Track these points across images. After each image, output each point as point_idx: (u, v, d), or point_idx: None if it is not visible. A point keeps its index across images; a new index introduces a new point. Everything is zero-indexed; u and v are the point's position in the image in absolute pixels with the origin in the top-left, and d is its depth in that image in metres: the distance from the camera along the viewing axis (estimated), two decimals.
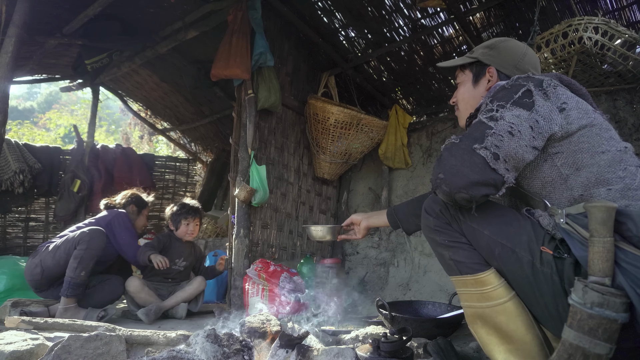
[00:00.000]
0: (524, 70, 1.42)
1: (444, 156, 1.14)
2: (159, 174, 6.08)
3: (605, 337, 0.91)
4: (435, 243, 1.31)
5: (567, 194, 1.16)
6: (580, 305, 0.94)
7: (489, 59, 1.47)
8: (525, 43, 1.55)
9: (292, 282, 2.89)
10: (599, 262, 0.96)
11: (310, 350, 1.34)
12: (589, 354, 0.92)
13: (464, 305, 1.29)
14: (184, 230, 3.12)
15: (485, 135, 1.11)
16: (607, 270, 0.95)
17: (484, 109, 1.22)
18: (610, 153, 1.14)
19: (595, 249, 0.97)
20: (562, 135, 1.16)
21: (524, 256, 1.12)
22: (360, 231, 1.92)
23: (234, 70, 3.13)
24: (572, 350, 0.95)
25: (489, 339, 1.21)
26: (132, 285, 2.84)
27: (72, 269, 2.55)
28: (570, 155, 1.16)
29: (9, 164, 4.61)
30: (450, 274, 1.29)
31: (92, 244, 2.62)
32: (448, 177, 1.10)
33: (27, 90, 28.75)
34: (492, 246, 1.18)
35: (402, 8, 3.51)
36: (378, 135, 4.01)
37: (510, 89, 1.20)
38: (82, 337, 1.50)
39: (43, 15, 3.61)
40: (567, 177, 1.15)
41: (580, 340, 0.93)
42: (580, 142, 1.15)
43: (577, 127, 1.16)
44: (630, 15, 3.14)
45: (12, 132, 11.30)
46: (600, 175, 1.12)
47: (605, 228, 0.97)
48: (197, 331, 1.48)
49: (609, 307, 0.92)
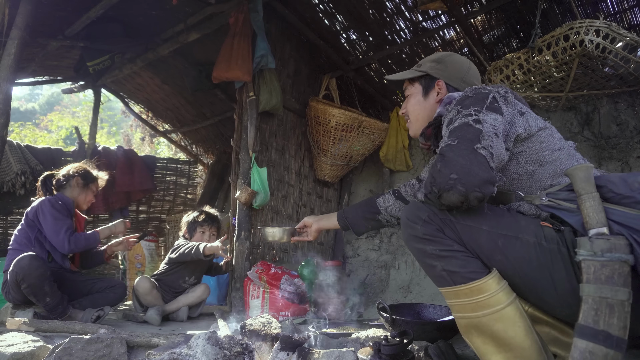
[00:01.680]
0: (470, 83, 1.53)
1: (449, 157, 1.12)
2: (160, 175, 6.08)
3: (621, 282, 0.97)
4: (424, 254, 1.23)
5: (536, 185, 1.26)
6: (591, 257, 1.00)
7: (438, 72, 1.56)
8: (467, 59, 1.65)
9: (293, 285, 2.89)
10: (594, 214, 1.05)
11: (311, 353, 1.34)
12: (612, 302, 0.96)
13: (456, 317, 1.23)
14: (199, 238, 3.03)
15: (479, 136, 1.14)
16: (602, 220, 1.04)
17: (456, 115, 1.24)
18: (565, 149, 1.29)
19: (587, 204, 1.07)
20: (525, 136, 1.28)
21: (529, 239, 1.12)
22: (311, 233, 1.98)
23: (236, 72, 3.13)
24: (597, 304, 0.98)
25: (485, 349, 1.17)
26: (142, 287, 2.82)
27: (37, 302, 2.42)
28: (533, 154, 1.28)
29: (11, 165, 4.62)
30: (441, 286, 1.22)
31: (30, 278, 2.34)
32: (462, 177, 1.08)
33: (29, 92, 28.87)
34: (494, 239, 1.15)
35: (403, 11, 3.51)
36: (379, 137, 4.01)
37: (477, 97, 1.26)
38: (83, 339, 1.50)
39: (45, 18, 3.63)
40: (534, 172, 1.27)
41: (602, 291, 0.97)
42: (540, 141, 1.28)
43: (537, 129, 1.29)
44: (631, 18, 3.14)
45: (14, 134, 11.34)
46: (563, 167, 1.24)
47: (589, 184, 1.08)
48: (198, 333, 1.48)
49: (617, 250, 0.99)
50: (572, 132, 3.41)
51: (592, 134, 3.29)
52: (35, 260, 2.38)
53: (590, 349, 0.96)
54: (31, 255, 2.39)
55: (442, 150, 1.16)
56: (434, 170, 1.14)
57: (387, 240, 4.17)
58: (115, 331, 1.66)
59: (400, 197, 1.86)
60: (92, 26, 3.81)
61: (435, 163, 1.15)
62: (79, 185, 2.84)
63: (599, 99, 3.24)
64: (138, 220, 5.91)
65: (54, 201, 2.64)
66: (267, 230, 2.07)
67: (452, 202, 1.12)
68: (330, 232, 4.36)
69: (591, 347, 0.96)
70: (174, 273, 3.00)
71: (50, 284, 2.43)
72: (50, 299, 2.42)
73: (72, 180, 2.82)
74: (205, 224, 3.08)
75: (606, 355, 0.95)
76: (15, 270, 2.34)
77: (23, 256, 2.38)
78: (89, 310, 2.58)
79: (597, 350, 0.96)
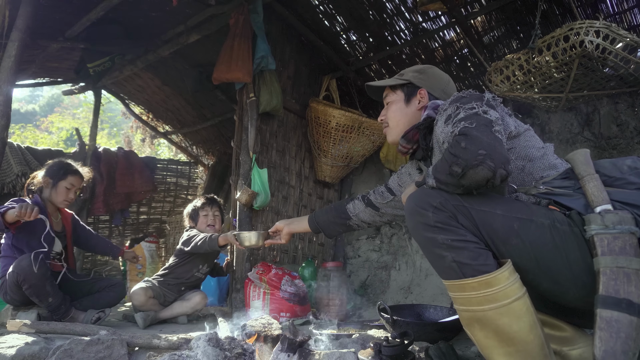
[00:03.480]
0: (449, 94, 1.60)
1: (473, 135, 1.12)
2: (161, 177, 6.08)
3: (633, 252, 1.03)
4: (434, 244, 1.17)
5: (528, 178, 1.32)
6: (603, 230, 1.07)
7: (420, 81, 1.64)
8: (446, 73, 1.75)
9: (293, 286, 2.89)
10: (598, 193, 1.13)
11: (312, 354, 1.34)
12: (629, 272, 1.02)
13: (459, 310, 1.20)
14: (204, 222, 3.03)
15: (491, 122, 1.19)
16: (607, 198, 1.11)
17: (455, 111, 1.29)
18: (548, 148, 1.38)
19: (591, 184, 1.15)
20: (515, 134, 1.35)
21: (544, 221, 1.15)
22: (283, 236, 2.04)
23: (236, 73, 3.13)
24: (615, 275, 1.03)
25: (487, 342, 1.16)
26: (136, 300, 2.78)
27: (39, 302, 2.41)
28: (522, 150, 1.34)
29: (11, 167, 4.62)
30: (448, 278, 1.18)
31: (31, 278, 2.32)
32: (491, 153, 1.08)
33: (30, 94, 28.92)
34: (510, 222, 1.16)
35: (403, 12, 3.51)
36: (379, 138, 4.01)
37: (471, 97, 1.33)
38: (84, 340, 1.50)
39: (46, 19, 3.63)
40: (524, 167, 1.33)
41: (618, 261, 1.03)
42: (526, 140, 1.36)
43: (523, 129, 1.38)
44: (631, 18, 3.14)
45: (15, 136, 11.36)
46: (550, 162, 1.32)
47: (589, 166, 1.19)
48: (199, 335, 1.48)
49: (626, 222, 1.06)
50: (572, 133, 3.41)
51: (593, 135, 3.29)
52: (36, 260, 2.36)
53: (615, 317, 1.00)
54: (31, 255, 2.37)
55: (462, 130, 1.16)
56: (457, 149, 1.12)
57: (388, 241, 4.17)
58: (116, 332, 1.66)
59: (370, 204, 1.89)
60: (92, 28, 3.81)
61: (457, 143, 1.13)
62: (48, 185, 2.71)
63: (599, 99, 3.24)
64: (139, 221, 5.91)
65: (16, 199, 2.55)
66: (243, 235, 2.15)
67: (478, 179, 1.10)
68: None
69: (616, 316, 1.00)
70: (187, 263, 2.95)
71: (51, 283, 2.42)
72: (53, 299, 2.41)
73: (42, 181, 2.71)
74: (206, 206, 3.06)
75: (631, 322, 0.99)
76: (16, 271, 2.32)
77: (23, 257, 2.36)
78: (90, 312, 2.58)
79: (622, 318, 1.00)
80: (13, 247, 2.54)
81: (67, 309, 2.50)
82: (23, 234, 2.52)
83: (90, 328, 2.09)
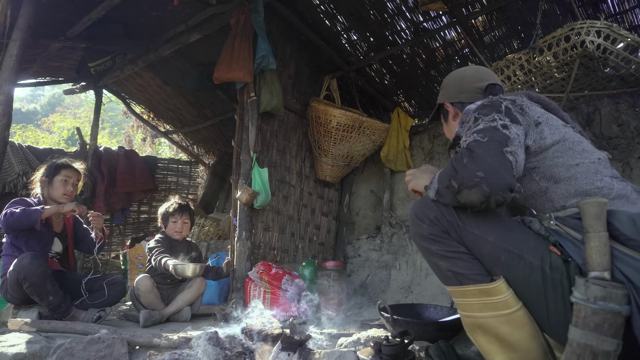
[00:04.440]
0: (467, 90, 1.53)
1: (477, 153, 1.07)
2: (162, 176, 6.09)
3: (612, 333, 0.92)
4: (429, 252, 1.22)
5: (548, 205, 1.19)
6: (583, 301, 0.95)
7: (442, 98, 1.61)
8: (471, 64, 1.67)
9: (294, 285, 2.89)
10: (597, 256, 0.98)
11: (312, 353, 1.35)
12: (597, 352, 0.92)
13: (462, 315, 1.22)
14: (172, 228, 3.09)
15: (507, 140, 1.11)
16: (605, 264, 0.97)
17: (475, 122, 1.22)
18: (585, 165, 1.18)
19: (592, 244, 0.99)
20: (535, 149, 1.21)
21: (533, 262, 1.08)
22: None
23: (237, 73, 3.14)
24: (580, 350, 0.94)
25: (489, 348, 1.16)
26: (143, 285, 2.81)
27: (40, 301, 2.42)
28: (547, 170, 1.20)
29: (13, 166, 4.63)
30: (448, 284, 1.21)
31: (32, 277, 2.34)
32: (490, 177, 1.03)
33: (31, 93, 28.95)
34: (497, 253, 1.12)
35: (404, 11, 3.51)
36: (380, 138, 4.01)
37: (492, 106, 1.24)
38: (85, 339, 1.51)
39: (47, 19, 3.63)
40: (547, 190, 1.19)
41: (588, 338, 0.93)
42: (555, 157, 1.20)
43: (551, 142, 1.21)
44: (632, 18, 3.14)
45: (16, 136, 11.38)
46: (579, 187, 1.16)
47: (599, 223, 1.00)
48: (199, 334, 1.48)
49: (612, 300, 0.92)
50: None
51: (593, 135, 3.29)
52: (36, 259, 2.38)
53: None
54: (32, 254, 2.39)
55: (470, 145, 1.11)
56: (458, 164, 1.09)
57: (388, 241, 4.17)
58: (116, 331, 1.67)
59: None
60: (93, 27, 3.82)
61: (461, 157, 1.10)
62: (44, 183, 2.74)
63: (600, 99, 3.23)
64: (139, 220, 5.92)
65: (15, 200, 2.58)
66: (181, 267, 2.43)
67: (471, 200, 1.08)
68: (332, 233, 4.37)
69: None
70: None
71: (52, 282, 2.43)
72: (54, 298, 2.42)
73: (41, 179, 2.75)
74: (175, 214, 3.09)
75: None
76: (17, 269, 2.34)
77: (24, 255, 2.38)
78: (90, 311, 2.59)
79: None
80: (13, 245, 2.55)
81: (67, 308, 2.51)
82: (23, 233, 2.53)
83: (91, 327, 2.09)
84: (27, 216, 2.40)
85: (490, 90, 1.48)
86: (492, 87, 1.49)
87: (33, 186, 2.79)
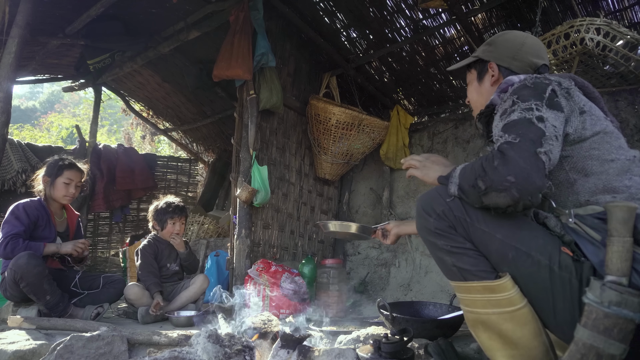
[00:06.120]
0: (522, 59, 1.43)
1: (510, 156, 1.03)
2: (161, 174, 6.09)
3: (620, 337, 0.91)
4: (435, 247, 1.21)
5: (572, 197, 1.16)
6: (597, 304, 0.94)
7: (488, 54, 1.50)
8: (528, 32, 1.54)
9: (293, 283, 2.89)
10: (617, 261, 0.96)
11: (312, 350, 1.35)
12: (602, 354, 0.92)
13: (465, 310, 1.22)
14: (170, 230, 3.04)
15: (541, 138, 1.06)
16: (625, 270, 0.95)
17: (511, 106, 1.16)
18: (620, 162, 1.14)
19: (614, 248, 0.97)
20: (574, 138, 1.16)
21: (541, 260, 1.07)
22: (390, 237, 1.92)
23: (236, 70, 3.13)
24: (586, 350, 0.94)
25: (491, 344, 1.16)
26: (132, 293, 2.76)
27: (37, 300, 2.41)
28: (579, 161, 1.16)
29: (12, 163, 4.63)
30: (452, 279, 1.21)
31: (28, 276, 2.33)
32: (520, 182, 1.00)
33: (30, 90, 28.88)
34: (505, 250, 1.11)
35: (403, 9, 3.51)
36: (379, 135, 4.01)
37: (535, 88, 1.17)
38: (84, 336, 1.51)
39: (46, 16, 3.62)
40: (575, 182, 1.16)
41: (595, 340, 0.93)
42: (592, 148, 1.15)
43: (591, 133, 1.16)
44: (632, 16, 3.13)
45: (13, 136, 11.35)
46: (608, 183, 1.12)
47: (625, 228, 0.97)
48: (199, 331, 1.48)
49: (627, 306, 0.91)
50: None
51: None
52: (33, 258, 2.37)
53: None
54: (29, 253, 2.38)
55: (502, 147, 1.06)
56: (488, 165, 1.05)
57: None
58: (116, 329, 1.67)
59: None
60: (92, 24, 3.81)
61: (492, 158, 1.06)
62: (47, 183, 2.72)
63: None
64: (139, 218, 5.92)
65: (17, 205, 2.57)
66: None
67: (498, 203, 1.05)
68: None
69: None
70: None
71: (49, 282, 2.43)
72: (51, 297, 2.42)
73: (41, 181, 2.74)
74: (175, 216, 3.05)
75: None
76: (14, 269, 2.34)
77: (21, 255, 2.37)
78: (88, 308, 2.59)
79: None
80: None
81: (65, 307, 2.51)
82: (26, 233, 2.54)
83: (90, 324, 2.10)
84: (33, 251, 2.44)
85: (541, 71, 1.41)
86: (544, 69, 1.43)
87: (35, 183, 2.78)
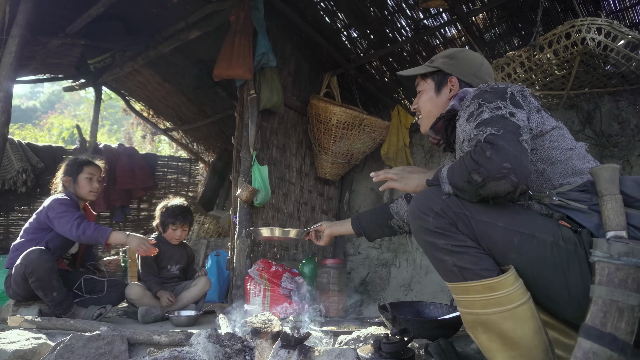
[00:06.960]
0: (482, 79, 1.51)
1: (500, 145, 1.07)
2: (162, 173, 6.10)
3: (635, 287, 0.96)
4: (435, 247, 1.19)
5: (546, 184, 1.23)
6: (606, 259, 0.99)
7: (450, 68, 1.53)
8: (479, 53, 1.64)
9: (293, 283, 2.89)
10: (614, 217, 1.03)
11: (312, 350, 1.35)
12: (623, 307, 0.95)
13: (462, 312, 1.20)
14: (171, 234, 3.06)
15: (518, 129, 1.13)
16: (623, 224, 1.02)
17: (478, 108, 1.22)
18: (577, 149, 1.27)
19: (609, 206, 1.05)
20: (536, 133, 1.25)
21: (546, 238, 1.10)
22: (324, 238, 1.98)
23: (237, 70, 3.13)
24: (606, 307, 0.96)
25: (490, 346, 1.15)
26: (134, 293, 2.78)
27: (44, 296, 2.43)
28: (544, 152, 1.25)
29: (12, 163, 4.63)
30: (450, 281, 1.19)
31: (39, 271, 2.35)
32: (516, 167, 1.04)
33: (30, 90, 28.88)
34: (510, 237, 1.12)
35: (404, 9, 3.50)
36: (380, 135, 4.01)
37: (494, 92, 1.24)
38: (85, 336, 1.51)
39: (46, 15, 3.62)
40: (544, 171, 1.24)
41: (613, 294, 0.96)
42: (552, 140, 1.26)
43: (550, 127, 1.28)
44: (633, 16, 3.13)
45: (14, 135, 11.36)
46: (575, 167, 1.22)
47: (613, 185, 1.06)
48: (199, 331, 1.48)
49: (635, 255, 0.97)
50: (573, 131, 3.40)
51: (594, 132, 3.29)
52: (45, 254, 2.40)
53: (594, 350, 0.96)
54: (40, 249, 2.41)
55: (489, 138, 1.11)
56: (481, 157, 1.08)
57: (388, 239, 4.17)
58: (116, 329, 1.67)
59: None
60: (93, 24, 3.81)
61: (481, 150, 1.09)
62: (69, 182, 2.77)
63: (601, 97, 3.23)
64: (139, 218, 5.92)
65: (55, 199, 2.63)
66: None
67: (498, 192, 1.08)
68: None
69: (595, 349, 0.96)
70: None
71: (57, 278, 2.46)
72: (58, 294, 2.44)
73: (63, 180, 2.78)
74: (177, 222, 3.05)
75: (610, 357, 0.94)
76: (25, 263, 2.35)
77: (32, 249, 2.39)
78: (91, 308, 2.60)
79: (601, 352, 0.95)
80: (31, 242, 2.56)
81: (69, 305, 2.52)
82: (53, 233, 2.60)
83: (91, 324, 2.10)
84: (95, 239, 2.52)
85: None
86: None
87: (55, 188, 2.82)
